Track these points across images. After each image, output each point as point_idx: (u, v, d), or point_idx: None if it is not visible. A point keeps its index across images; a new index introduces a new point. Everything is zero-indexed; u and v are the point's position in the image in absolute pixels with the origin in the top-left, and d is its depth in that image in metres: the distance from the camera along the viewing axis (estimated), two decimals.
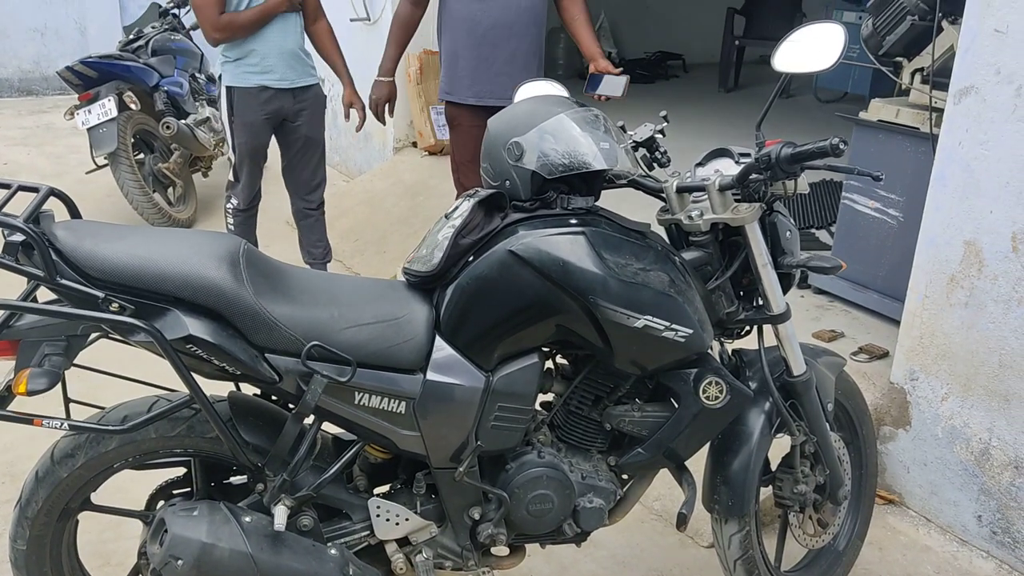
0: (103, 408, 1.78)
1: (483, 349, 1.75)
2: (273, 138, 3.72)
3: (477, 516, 1.85)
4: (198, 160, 5.33)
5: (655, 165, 1.96)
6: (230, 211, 3.78)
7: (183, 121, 4.94)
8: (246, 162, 3.64)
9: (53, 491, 1.72)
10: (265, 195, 3.89)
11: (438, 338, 1.75)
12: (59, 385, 1.59)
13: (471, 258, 1.74)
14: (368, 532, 1.82)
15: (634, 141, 1.93)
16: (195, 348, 1.57)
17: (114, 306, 1.54)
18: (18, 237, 1.51)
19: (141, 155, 4.98)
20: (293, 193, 3.88)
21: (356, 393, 1.69)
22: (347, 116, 3.77)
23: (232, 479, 1.90)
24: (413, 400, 1.71)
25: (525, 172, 1.75)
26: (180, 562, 1.58)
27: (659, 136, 1.96)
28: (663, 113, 2.01)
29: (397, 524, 1.81)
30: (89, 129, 4.60)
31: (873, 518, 2.40)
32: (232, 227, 3.79)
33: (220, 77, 3.57)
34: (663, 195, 1.89)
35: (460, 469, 1.76)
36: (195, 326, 1.56)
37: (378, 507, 1.80)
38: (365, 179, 5.57)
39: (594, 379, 1.88)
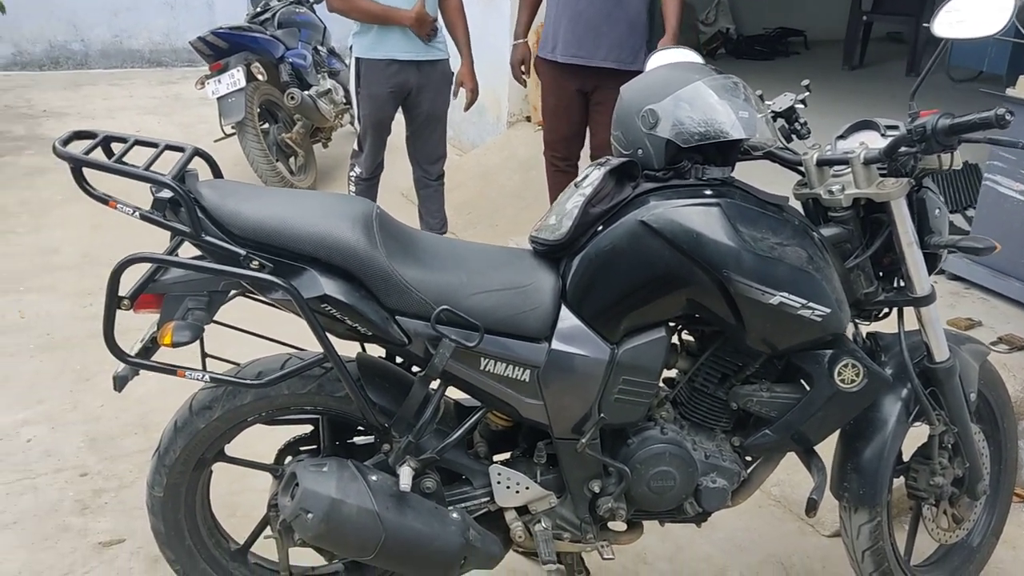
0: (237, 364, 1.84)
1: (609, 321, 1.72)
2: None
3: (597, 489, 1.83)
4: (319, 131, 5.46)
5: (794, 137, 1.88)
6: (353, 179, 3.87)
7: (306, 92, 5.06)
8: (370, 133, 3.71)
9: (190, 441, 1.78)
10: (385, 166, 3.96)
11: (564, 308, 1.74)
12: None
13: (600, 228, 1.71)
14: (488, 498, 1.83)
15: (773, 111, 1.86)
16: (329, 308, 1.60)
17: (254, 264, 1.58)
18: (166, 194, 1.57)
19: (265, 125, 5.13)
20: (415, 162, 3.94)
21: (482, 359, 1.69)
22: (455, 94, 3.80)
23: (357, 439, 1.94)
24: (538, 369, 1.71)
25: (659, 140, 1.71)
26: (310, 516, 1.62)
27: (800, 107, 1.88)
28: (805, 82, 1.92)
29: (517, 492, 1.81)
30: (219, 99, 4.76)
31: (1009, 516, 2.26)
32: (354, 195, 3.87)
33: (351, 48, 3.64)
34: (801, 168, 1.82)
35: (582, 441, 1.75)
36: (330, 286, 1.59)
37: (499, 474, 1.81)
38: (478, 153, 5.59)
39: (721, 356, 1.83)
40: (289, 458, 1.93)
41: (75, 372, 3.11)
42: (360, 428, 1.92)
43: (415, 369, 1.90)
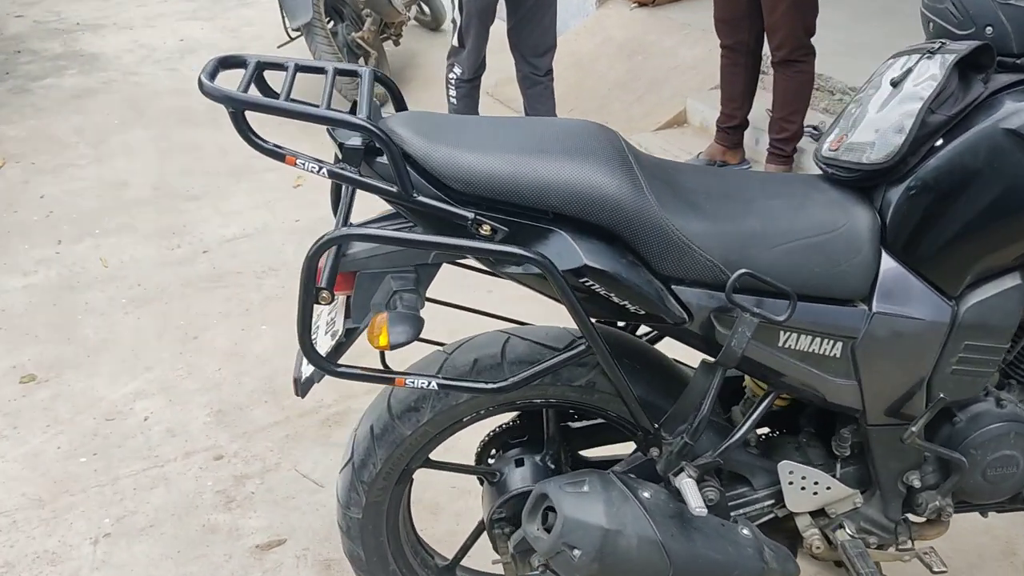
0: (440, 344, 1.43)
1: (951, 269, 1.28)
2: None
3: (917, 483, 1.42)
4: (387, 26, 4.89)
5: None
6: (453, 82, 3.38)
7: None
8: (474, 23, 3.21)
9: (394, 451, 1.39)
10: None
11: (885, 255, 1.29)
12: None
13: (939, 142, 1.24)
14: (773, 502, 1.43)
15: None
16: (588, 282, 1.17)
17: (484, 228, 1.14)
18: (357, 140, 1.12)
19: (332, 23, 4.58)
20: (519, 57, 3.45)
21: (782, 333, 1.26)
22: None
23: (571, 423, 1.54)
24: (853, 340, 1.27)
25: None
26: (578, 552, 1.23)
27: None
28: None
29: (815, 494, 1.41)
30: None
31: None
32: (455, 100, 3.40)
33: None
34: None
35: (911, 429, 1.33)
36: (589, 253, 1.15)
37: (791, 472, 1.40)
38: (568, 39, 4.97)
39: None
40: (494, 451, 1.55)
41: (179, 329, 2.73)
42: (575, 414, 1.52)
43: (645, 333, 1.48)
